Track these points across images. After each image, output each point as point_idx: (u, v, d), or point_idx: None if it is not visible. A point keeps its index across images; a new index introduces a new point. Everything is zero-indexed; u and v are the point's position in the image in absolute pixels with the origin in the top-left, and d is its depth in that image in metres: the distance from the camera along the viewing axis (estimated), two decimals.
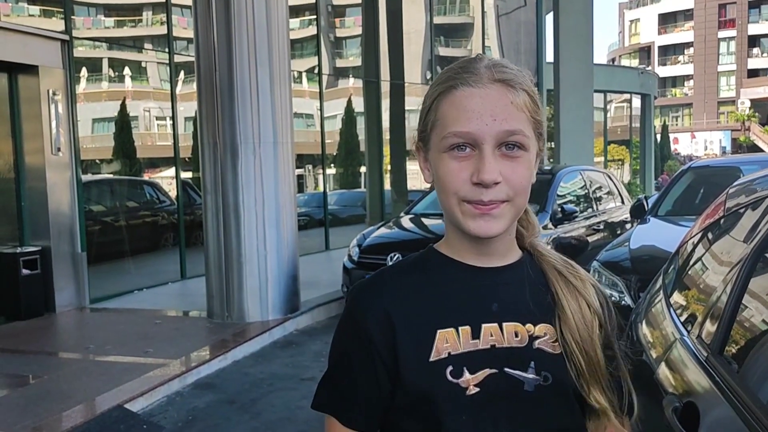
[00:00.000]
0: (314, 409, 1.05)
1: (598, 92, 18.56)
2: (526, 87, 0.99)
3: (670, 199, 5.85)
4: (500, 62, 1.00)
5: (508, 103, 0.96)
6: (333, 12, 13.05)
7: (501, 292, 1.02)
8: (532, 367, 0.99)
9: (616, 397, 1.02)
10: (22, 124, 6.84)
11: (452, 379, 0.96)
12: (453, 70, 1.00)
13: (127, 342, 5.74)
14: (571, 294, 1.03)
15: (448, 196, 0.98)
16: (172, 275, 8.63)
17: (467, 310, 1.00)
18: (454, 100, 0.97)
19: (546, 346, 1.00)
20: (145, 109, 9.49)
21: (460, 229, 1.00)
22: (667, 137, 35.59)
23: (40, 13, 7.58)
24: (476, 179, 0.95)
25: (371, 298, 1.03)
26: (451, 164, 0.97)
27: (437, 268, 1.05)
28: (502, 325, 1.00)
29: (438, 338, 0.98)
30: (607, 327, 1.04)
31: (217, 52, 6.14)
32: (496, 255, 1.04)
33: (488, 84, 0.97)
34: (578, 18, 14.46)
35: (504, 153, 0.96)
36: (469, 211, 0.97)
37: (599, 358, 1.01)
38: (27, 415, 4.14)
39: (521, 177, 0.98)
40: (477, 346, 0.98)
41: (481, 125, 0.95)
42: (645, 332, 2.43)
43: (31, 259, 6.69)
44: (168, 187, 9.37)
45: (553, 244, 6.68)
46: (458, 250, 1.04)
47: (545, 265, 1.06)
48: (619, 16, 63.55)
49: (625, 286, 4.41)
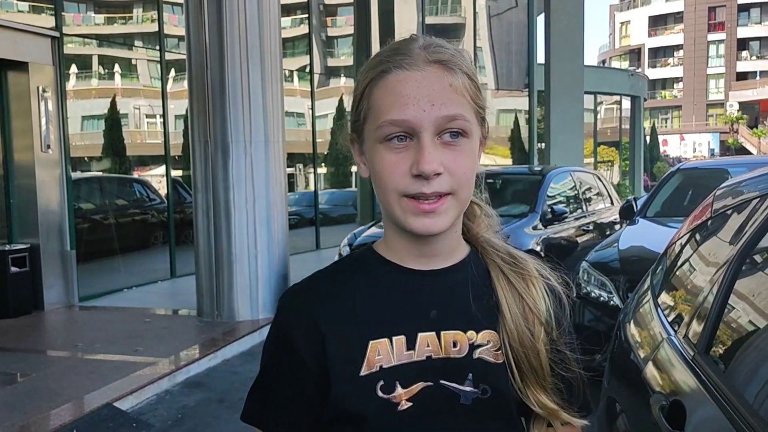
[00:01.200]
0: (242, 421, 0.99)
1: (589, 94, 18.65)
2: (466, 68, 0.91)
3: (658, 201, 5.90)
4: (436, 41, 0.92)
5: (447, 86, 0.88)
6: (325, 11, 13.04)
7: (442, 297, 0.95)
8: (470, 379, 0.92)
9: (565, 400, 0.97)
10: (12, 120, 6.80)
11: (383, 394, 0.90)
12: (385, 53, 0.92)
13: (117, 340, 5.72)
14: (512, 297, 0.96)
15: (387, 192, 0.90)
16: (161, 274, 8.60)
17: (403, 319, 0.93)
18: (387, 85, 0.89)
19: (487, 355, 0.94)
20: (135, 106, 9.46)
21: (400, 228, 0.92)
22: (656, 139, 35.80)
23: (29, 9, 7.53)
24: (416, 170, 0.87)
25: (300, 307, 0.96)
26: (387, 156, 0.89)
27: (374, 271, 0.97)
28: (440, 334, 0.93)
29: (370, 350, 0.91)
30: (556, 328, 0.97)
31: (208, 51, 6.13)
32: (440, 255, 0.96)
33: (424, 66, 0.88)
34: (569, 19, 14.53)
35: (445, 141, 0.88)
36: (410, 209, 0.89)
37: (542, 363, 0.95)
38: (15, 413, 4.12)
39: (464, 167, 0.90)
40: (411, 358, 0.91)
41: (418, 112, 0.86)
42: (633, 332, 2.46)
43: (19, 256, 6.65)
44: (158, 185, 9.33)
45: (543, 244, 6.72)
46: (397, 251, 0.96)
47: (490, 263, 0.99)
48: (610, 18, 63.89)
49: (613, 286, 4.45)
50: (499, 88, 16.19)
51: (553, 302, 0.99)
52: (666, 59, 57.22)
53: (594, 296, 4.57)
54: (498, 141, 16.50)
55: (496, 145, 16.34)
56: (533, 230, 6.76)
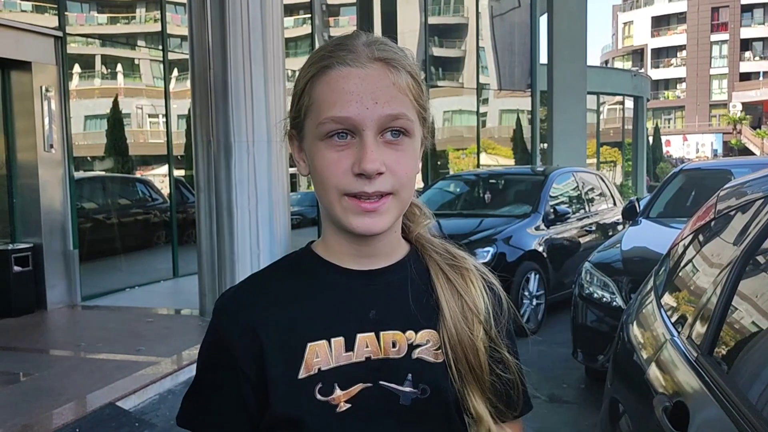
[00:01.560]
0: (178, 425, 0.97)
1: (591, 94, 18.63)
2: (409, 67, 0.90)
3: (661, 202, 5.89)
4: (380, 39, 0.91)
5: (390, 85, 0.87)
6: (327, 11, 13.05)
7: (381, 297, 0.94)
8: (409, 379, 0.91)
9: (501, 401, 0.97)
10: (15, 120, 6.81)
11: (321, 397, 0.89)
12: (328, 48, 0.90)
13: (119, 340, 5.72)
14: (451, 295, 0.95)
15: (327, 191, 0.88)
16: (164, 273, 8.61)
17: (342, 320, 0.92)
18: (330, 81, 0.87)
19: (427, 354, 0.93)
20: (138, 106, 9.47)
21: (340, 228, 0.91)
22: (659, 139, 35.74)
23: (33, 9, 7.54)
24: (357, 169, 0.85)
25: (236, 309, 0.94)
26: (328, 154, 0.87)
27: (312, 272, 0.95)
28: (380, 335, 0.92)
29: (308, 352, 0.90)
30: (494, 326, 0.97)
31: (211, 51, 6.13)
32: (379, 255, 0.95)
33: (367, 63, 0.87)
34: (572, 20, 14.51)
35: (387, 140, 0.87)
36: (351, 208, 0.88)
37: (481, 363, 0.94)
38: (18, 412, 4.12)
39: (406, 167, 0.89)
40: (350, 359, 0.91)
41: (361, 109, 0.85)
42: (636, 333, 2.45)
43: (22, 256, 6.66)
44: (160, 184, 9.34)
45: (545, 245, 6.72)
46: (336, 251, 0.95)
47: (429, 261, 0.98)
48: (613, 19, 63.81)
49: (616, 287, 4.45)
50: (501, 89, 16.18)
51: (491, 300, 0.98)
52: (669, 60, 57.14)
53: (596, 297, 4.56)
54: (500, 141, 16.49)
55: (498, 145, 16.33)
56: (536, 231, 6.75)
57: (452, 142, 15.28)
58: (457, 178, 9.46)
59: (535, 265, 6.51)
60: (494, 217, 6.96)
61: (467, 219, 7.18)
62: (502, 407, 0.97)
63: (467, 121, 15.40)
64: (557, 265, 6.84)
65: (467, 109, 15.20)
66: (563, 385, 4.95)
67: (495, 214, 7.12)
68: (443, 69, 15.19)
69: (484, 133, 15.46)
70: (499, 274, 1.05)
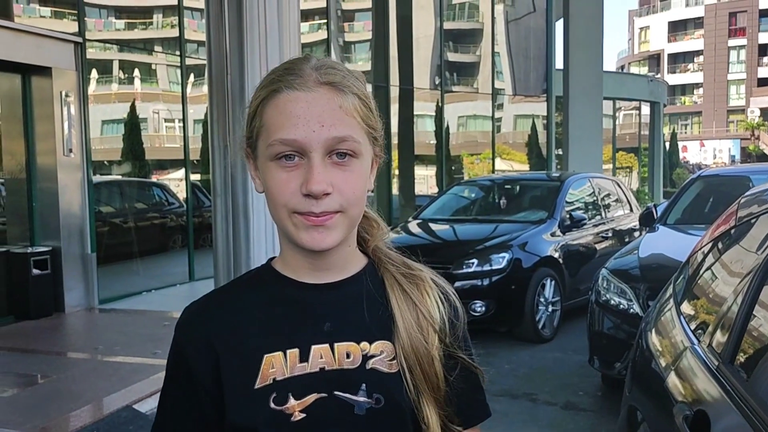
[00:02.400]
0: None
1: (607, 99, 18.53)
2: (356, 90, 0.93)
3: (679, 208, 5.85)
4: (328, 63, 0.94)
5: (336, 108, 0.90)
6: (343, 16, 13.10)
7: (335, 309, 0.97)
8: (363, 389, 0.93)
9: (458, 410, 0.98)
10: (35, 125, 6.89)
11: (275, 406, 0.91)
12: (278, 72, 0.94)
13: (136, 343, 5.76)
14: (406, 306, 0.97)
15: (278, 208, 0.92)
16: (180, 277, 8.66)
17: (297, 332, 0.95)
18: (278, 104, 0.91)
19: (381, 365, 0.95)
20: (155, 111, 9.54)
21: (293, 243, 0.94)
22: (675, 145, 35.46)
23: (53, 15, 7.64)
24: (305, 190, 0.89)
25: (194, 324, 0.99)
26: (278, 174, 0.91)
27: (269, 286, 0.99)
28: (334, 346, 0.94)
29: (264, 363, 0.93)
30: (450, 334, 0.99)
31: (228, 56, 6.15)
32: (334, 269, 0.98)
33: (314, 87, 0.90)
34: (588, 25, 14.45)
35: (335, 162, 0.90)
36: (300, 223, 0.91)
37: (437, 373, 0.96)
38: (36, 414, 4.16)
39: (354, 187, 0.92)
40: (305, 370, 0.93)
41: (307, 132, 0.88)
42: (654, 341, 2.44)
43: (41, 259, 6.73)
44: (176, 188, 9.41)
45: (561, 251, 6.68)
46: (292, 266, 0.98)
47: (385, 273, 1.00)
48: (629, 24, 63.49)
49: (633, 294, 4.42)
50: (516, 94, 16.15)
51: (447, 309, 1.00)
52: (686, 65, 56.72)
53: (613, 304, 4.53)
54: (515, 146, 16.44)
55: (513, 151, 16.28)
56: (551, 237, 6.72)
57: (467, 147, 15.26)
58: (472, 183, 9.44)
59: (551, 272, 6.48)
60: (509, 223, 6.93)
61: (482, 224, 7.17)
62: (459, 416, 0.99)
63: (482, 126, 15.38)
64: (573, 272, 6.80)
65: (482, 114, 15.18)
66: (579, 392, 4.91)
67: (510, 219, 7.10)
68: (458, 74, 15.19)
69: (499, 139, 15.43)
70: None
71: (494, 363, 5.49)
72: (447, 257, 6.16)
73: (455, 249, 6.52)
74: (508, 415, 4.35)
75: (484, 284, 6.07)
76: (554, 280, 6.47)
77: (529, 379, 5.23)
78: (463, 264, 6.11)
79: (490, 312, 6.01)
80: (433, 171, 13.85)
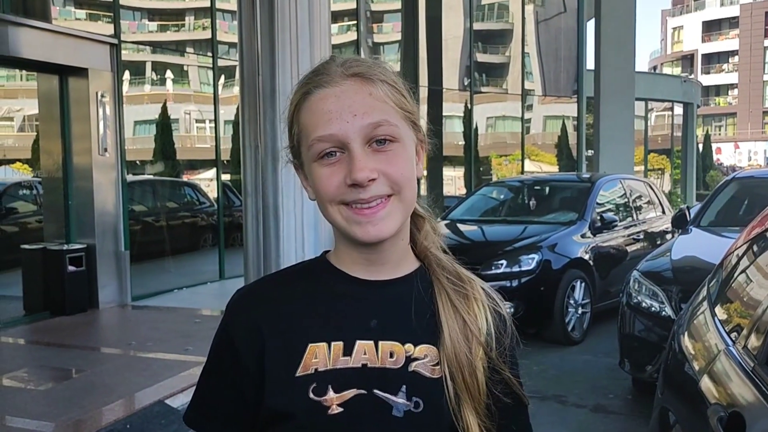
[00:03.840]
0: (185, 423, 1.02)
1: (639, 100, 18.29)
2: (384, 77, 0.93)
3: (713, 210, 5.76)
4: (352, 58, 0.95)
5: (367, 96, 0.91)
6: (372, 17, 13.13)
7: (384, 307, 0.96)
8: (403, 391, 0.92)
9: (499, 425, 0.96)
10: (72, 125, 7.04)
11: (314, 396, 0.91)
12: (306, 77, 0.96)
13: (168, 339, 5.86)
14: (453, 315, 0.97)
15: (326, 205, 0.92)
16: (210, 275, 8.77)
17: (344, 325, 0.95)
18: (311, 105, 0.93)
19: (424, 369, 0.94)
20: (187, 111, 9.69)
21: (347, 238, 0.94)
22: (709, 147, 34.80)
23: (90, 17, 7.80)
24: (350, 180, 0.89)
25: (244, 308, 1.00)
26: (322, 172, 0.91)
27: (321, 278, 0.99)
28: (378, 344, 0.94)
29: (308, 353, 0.93)
30: (496, 348, 0.98)
31: (260, 57, 6.21)
32: (388, 265, 0.97)
33: (341, 81, 0.92)
34: (620, 25, 14.28)
35: (376, 149, 0.90)
36: (351, 218, 0.91)
37: (479, 384, 0.95)
38: (72, 407, 4.26)
39: (401, 168, 0.91)
40: (347, 364, 0.93)
41: (342, 124, 0.89)
42: (687, 344, 2.41)
43: (76, 256, 6.87)
44: (206, 188, 9.54)
45: (591, 253, 6.62)
46: (346, 261, 0.98)
47: (434, 280, 0.99)
48: (662, 24, 62.55)
49: (665, 296, 4.36)
50: (546, 94, 16.02)
51: (494, 322, 0.99)
52: (720, 65, 55.68)
53: (645, 306, 4.48)
54: (544, 148, 16.32)
55: (542, 152, 16.16)
56: (582, 238, 6.67)
57: (496, 148, 15.19)
58: (501, 184, 9.40)
59: (581, 273, 6.42)
60: (539, 224, 6.89)
61: (511, 225, 7.14)
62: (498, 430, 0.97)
63: (511, 127, 15.30)
64: (603, 274, 6.73)
65: (511, 115, 15.10)
66: (609, 395, 4.87)
67: (540, 221, 7.06)
68: (487, 75, 15.13)
69: (528, 140, 15.33)
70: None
71: (523, 365, 5.37)
72: (475, 258, 6.15)
73: (484, 250, 6.50)
74: (536, 417, 4.30)
75: (512, 285, 6.04)
76: (584, 282, 6.42)
77: (558, 381, 5.20)
78: (491, 265, 6.09)
79: (518, 313, 5.98)
80: (462, 172, 13.82)
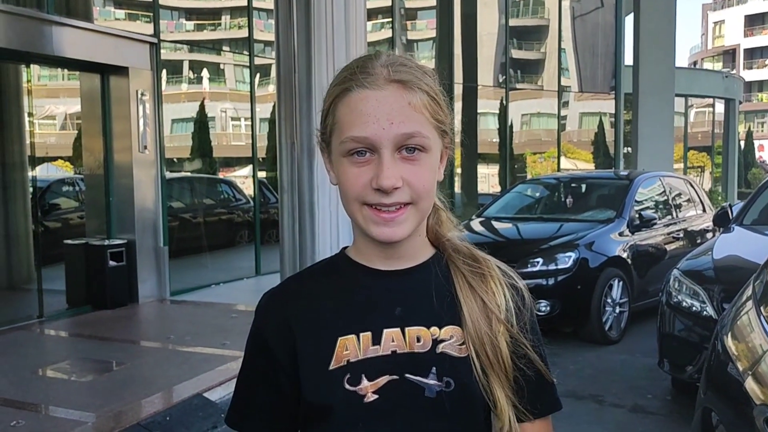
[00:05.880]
0: (227, 424, 1.06)
1: (679, 96, 17.94)
2: (425, 86, 0.96)
3: (756, 208, 5.61)
4: (398, 60, 0.97)
5: (406, 105, 0.94)
6: (406, 15, 13.12)
7: (406, 295, 1.01)
8: (433, 372, 0.96)
9: (527, 398, 0.99)
10: (113, 123, 7.19)
11: (349, 386, 0.95)
12: (350, 70, 0.97)
13: (206, 334, 5.95)
14: (471, 294, 1.01)
15: (350, 202, 0.97)
16: (247, 271, 8.87)
17: (370, 316, 0.99)
18: (350, 103, 0.95)
19: (451, 349, 0.98)
20: (223, 109, 9.80)
21: (365, 234, 0.99)
22: (751, 144, 33.92)
23: (130, 17, 7.95)
24: (375, 185, 0.93)
25: (273, 308, 1.04)
26: (350, 170, 0.95)
27: (344, 273, 1.04)
28: (405, 330, 0.98)
29: (338, 346, 0.97)
30: (516, 323, 1.01)
31: (296, 55, 6.28)
32: (405, 257, 1.02)
33: (384, 85, 0.94)
34: (660, 19, 14.02)
35: (404, 156, 0.94)
36: (371, 217, 0.95)
37: (503, 358, 0.98)
38: (112, 399, 4.35)
39: (424, 180, 0.95)
40: (378, 353, 0.97)
41: (377, 129, 0.92)
42: (731, 344, 2.37)
43: (117, 251, 7.02)
44: (242, 185, 9.65)
45: (629, 251, 6.52)
46: (365, 254, 1.02)
47: (450, 263, 1.04)
48: (703, 18, 61.17)
49: (707, 296, 4.27)
50: (582, 91, 15.82)
51: (513, 298, 1.03)
52: (763, 60, 54.21)
53: (685, 306, 4.40)
54: (580, 145, 16.11)
55: (578, 149, 15.96)
56: (619, 236, 6.57)
57: (530, 145, 15.05)
58: (536, 181, 9.30)
59: (619, 272, 6.33)
60: (576, 222, 6.81)
61: (547, 223, 7.07)
62: (527, 404, 1.00)
63: (546, 124, 15.14)
64: (642, 273, 6.63)
65: (546, 111, 14.94)
66: (648, 395, 4.79)
67: (577, 218, 6.97)
68: (522, 71, 14.99)
69: (564, 137, 15.15)
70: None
71: (559, 363, 5.41)
72: (511, 256, 6.09)
73: (520, 248, 6.45)
74: (572, 416, 4.28)
75: (549, 283, 5.98)
76: (622, 280, 6.32)
77: (595, 380, 5.14)
78: (527, 263, 6.04)
79: (555, 312, 5.92)
80: (496, 169, 13.73)
